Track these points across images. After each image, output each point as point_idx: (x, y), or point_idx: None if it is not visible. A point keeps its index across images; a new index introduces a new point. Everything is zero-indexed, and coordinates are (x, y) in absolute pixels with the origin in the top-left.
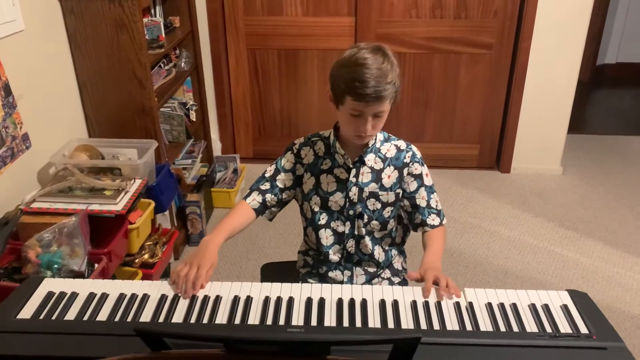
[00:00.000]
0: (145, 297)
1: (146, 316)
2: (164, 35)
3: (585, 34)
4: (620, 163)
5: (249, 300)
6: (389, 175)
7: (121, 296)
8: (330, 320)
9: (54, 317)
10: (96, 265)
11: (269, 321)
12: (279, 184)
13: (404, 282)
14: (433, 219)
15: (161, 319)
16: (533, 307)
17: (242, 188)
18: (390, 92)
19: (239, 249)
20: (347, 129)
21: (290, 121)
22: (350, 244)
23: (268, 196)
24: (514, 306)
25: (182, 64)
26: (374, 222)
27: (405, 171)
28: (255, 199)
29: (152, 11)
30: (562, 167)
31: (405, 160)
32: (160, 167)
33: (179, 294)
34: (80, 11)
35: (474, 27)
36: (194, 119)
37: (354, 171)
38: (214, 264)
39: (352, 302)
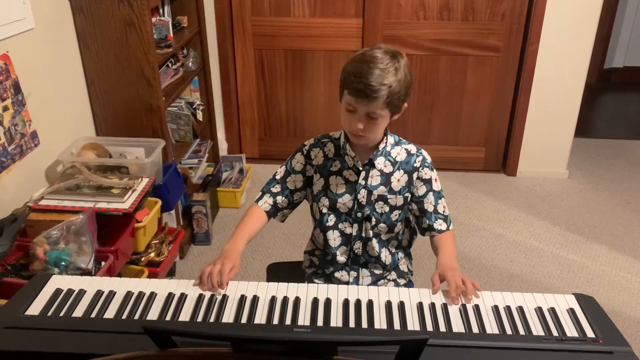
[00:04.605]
0: (153, 296)
1: (153, 314)
2: (172, 35)
3: (593, 37)
4: (627, 167)
5: (255, 299)
6: (399, 179)
7: (128, 294)
8: (336, 320)
9: (61, 314)
10: (103, 263)
11: (276, 321)
12: (290, 186)
13: (409, 284)
14: (440, 224)
15: (168, 317)
16: (539, 310)
17: (247, 188)
18: (382, 94)
19: (244, 249)
20: (344, 123)
21: (296, 122)
22: (357, 246)
23: (279, 198)
24: (521, 309)
25: (190, 63)
26: (382, 224)
27: (414, 175)
28: (266, 201)
29: (161, 10)
30: (568, 170)
31: (415, 165)
32: (167, 166)
33: (207, 291)
34: (90, 10)
35: (482, 29)
36: (201, 119)
37: (363, 174)
38: (236, 265)
39: (358, 303)
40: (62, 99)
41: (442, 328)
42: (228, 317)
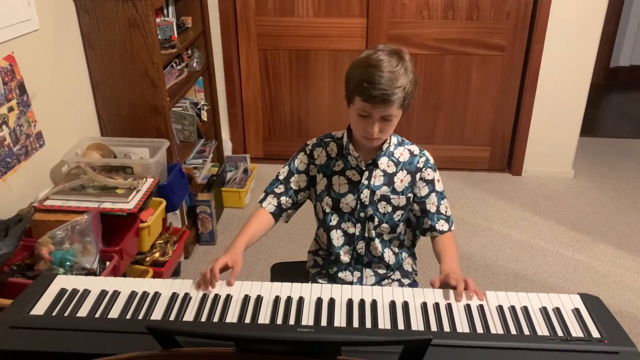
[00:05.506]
0: (157, 295)
1: (157, 314)
2: (176, 35)
3: (598, 36)
4: (633, 166)
5: (259, 299)
6: (402, 179)
7: (132, 294)
8: (340, 320)
9: (66, 314)
10: (107, 263)
11: (279, 321)
12: (293, 186)
13: (414, 284)
14: (442, 225)
15: (172, 317)
16: (544, 310)
17: (252, 188)
18: (398, 96)
19: (248, 249)
20: (356, 128)
21: (301, 122)
22: (360, 246)
23: (283, 199)
24: (525, 309)
25: (194, 64)
26: (384, 225)
27: (417, 176)
28: (270, 202)
29: (165, 11)
30: (574, 170)
31: (418, 165)
32: (172, 167)
33: (205, 292)
34: (94, 11)
35: (486, 28)
36: (205, 119)
37: (366, 174)
38: (237, 261)
39: (362, 303)
40: (67, 99)
41: (446, 328)
42: (232, 317)
